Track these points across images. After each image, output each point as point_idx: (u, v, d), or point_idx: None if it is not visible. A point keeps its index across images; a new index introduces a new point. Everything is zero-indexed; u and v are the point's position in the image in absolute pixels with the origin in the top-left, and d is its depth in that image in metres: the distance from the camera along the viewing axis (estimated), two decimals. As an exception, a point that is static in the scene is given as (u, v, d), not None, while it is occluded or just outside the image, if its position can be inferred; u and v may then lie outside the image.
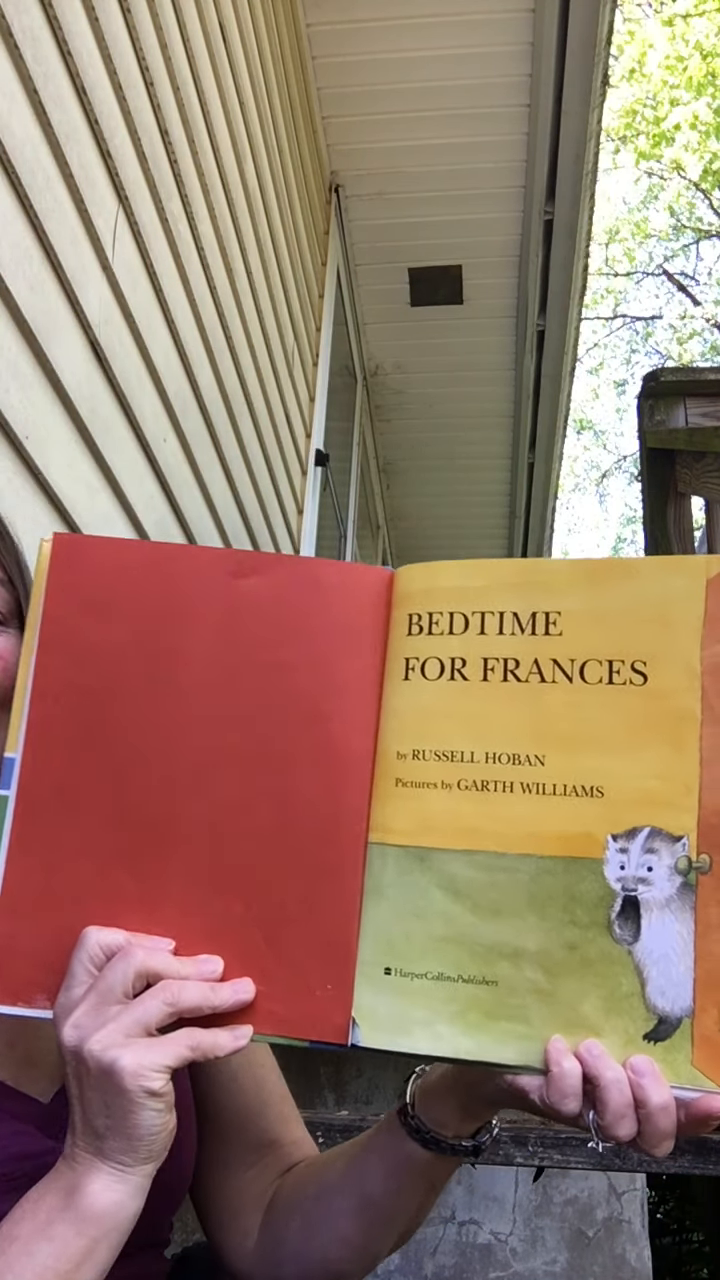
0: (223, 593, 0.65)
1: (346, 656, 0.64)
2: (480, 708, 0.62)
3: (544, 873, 0.59)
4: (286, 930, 0.60)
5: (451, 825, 0.61)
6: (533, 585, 0.63)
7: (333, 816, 0.62)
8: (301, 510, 3.61)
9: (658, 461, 2.22)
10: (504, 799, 0.60)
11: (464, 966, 0.59)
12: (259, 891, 0.61)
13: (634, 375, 14.57)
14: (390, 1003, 0.59)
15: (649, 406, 2.11)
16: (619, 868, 0.58)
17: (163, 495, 2.10)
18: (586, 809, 0.59)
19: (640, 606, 0.61)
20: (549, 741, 0.61)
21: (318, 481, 3.75)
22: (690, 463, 2.16)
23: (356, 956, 0.60)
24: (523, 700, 0.62)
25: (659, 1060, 0.57)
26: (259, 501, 2.95)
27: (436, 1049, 0.59)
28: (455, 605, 0.64)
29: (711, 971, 0.57)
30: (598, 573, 0.62)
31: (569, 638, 0.62)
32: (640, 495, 2.43)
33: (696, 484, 2.15)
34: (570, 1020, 0.58)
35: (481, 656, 0.63)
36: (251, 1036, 0.59)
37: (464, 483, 5.69)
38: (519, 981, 0.58)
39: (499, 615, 0.63)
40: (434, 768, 0.62)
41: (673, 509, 2.25)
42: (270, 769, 0.62)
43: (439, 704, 0.63)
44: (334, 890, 0.61)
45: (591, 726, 0.60)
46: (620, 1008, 0.57)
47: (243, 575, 0.65)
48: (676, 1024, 0.57)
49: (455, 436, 5.31)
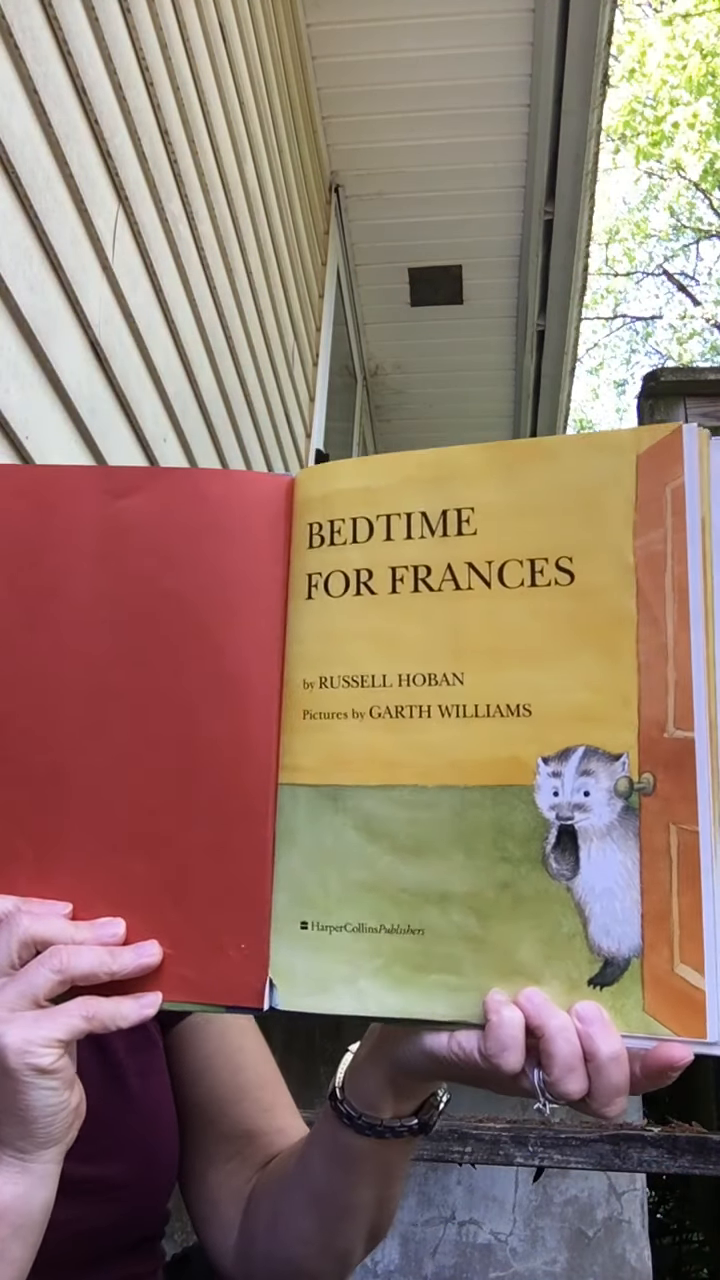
0: (100, 516, 0.58)
1: (243, 578, 0.57)
2: (390, 625, 0.55)
3: (469, 805, 0.53)
4: (194, 886, 0.55)
5: (365, 759, 0.55)
6: (441, 480, 0.56)
7: (238, 758, 0.56)
8: (301, 510, 3.60)
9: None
10: (421, 725, 0.54)
11: (386, 915, 0.53)
12: (162, 846, 0.55)
13: (634, 375, 14.58)
14: (309, 960, 0.54)
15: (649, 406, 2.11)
16: (552, 794, 0.52)
17: (163, 495, 2.10)
18: (513, 730, 0.53)
19: (562, 494, 0.54)
20: (468, 657, 0.54)
21: (318, 481, 3.75)
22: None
23: (271, 911, 0.55)
24: (437, 612, 0.55)
25: (607, 1007, 0.51)
26: (259, 501, 2.95)
27: (361, 1008, 0.53)
28: (358, 510, 0.57)
29: (659, 904, 0.50)
30: (513, 459, 0.55)
31: (484, 537, 0.55)
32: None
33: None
34: (506, 968, 0.52)
35: (389, 566, 0.56)
36: (161, 1005, 0.54)
37: (464, 483, 5.69)
38: (447, 928, 0.53)
39: (405, 517, 0.56)
40: (343, 695, 0.55)
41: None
42: (166, 710, 0.56)
43: (345, 624, 0.56)
44: (244, 840, 0.55)
45: (514, 636, 0.53)
46: (561, 951, 0.51)
47: (121, 495, 0.58)
48: (624, 965, 0.51)
49: (455, 437, 5.31)
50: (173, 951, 0.55)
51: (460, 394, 4.98)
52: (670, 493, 0.53)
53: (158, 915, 0.55)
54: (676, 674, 0.52)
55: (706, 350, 13.83)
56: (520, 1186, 2.38)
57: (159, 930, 0.55)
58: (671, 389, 2.11)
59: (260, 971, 0.54)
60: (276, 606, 0.57)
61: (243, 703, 0.56)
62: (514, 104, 3.47)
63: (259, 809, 0.55)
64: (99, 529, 0.58)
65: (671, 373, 2.35)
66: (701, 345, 13.93)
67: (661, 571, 0.52)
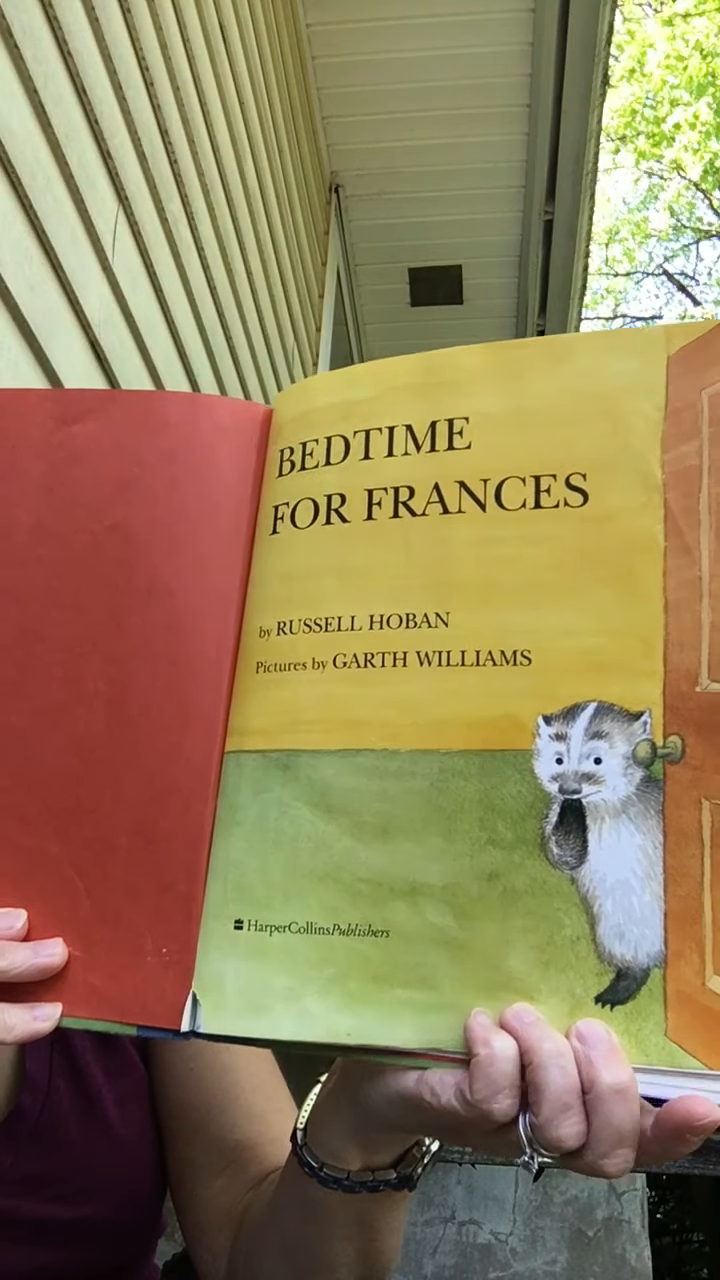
0: (49, 444, 0.51)
1: (203, 514, 0.49)
2: (363, 557, 0.46)
3: (451, 775, 0.43)
4: (112, 873, 0.45)
5: (324, 717, 0.45)
6: (434, 386, 0.47)
7: (180, 720, 0.47)
8: (301, 510, 3.61)
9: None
10: (395, 675, 0.44)
11: (341, 913, 0.43)
12: (80, 821, 0.46)
13: (634, 375, 14.56)
14: (242, 969, 0.43)
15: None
16: (554, 761, 0.42)
17: (163, 495, 2.10)
18: (508, 682, 0.43)
19: (576, 401, 0.45)
20: (455, 593, 0.44)
21: (318, 481, 3.75)
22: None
23: (201, 908, 0.45)
24: (419, 541, 0.45)
25: (619, 1032, 0.40)
26: (259, 501, 2.95)
27: (303, 1032, 0.42)
28: (335, 428, 0.48)
29: (687, 900, 0.40)
30: (518, 360, 0.46)
31: (479, 450, 0.45)
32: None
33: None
34: (492, 981, 0.41)
35: (365, 489, 0.47)
36: (60, 1019, 0.44)
37: (464, 483, 5.70)
38: (419, 929, 0.42)
39: (388, 432, 0.47)
40: (303, 642, 0.46)
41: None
42: (100, 663, 0.48)
43: (310, 559, 0.47)
44: (177, 817, 0.45)
45: (512, 568, 0.44)
46: (562, 959, 0.41)
47: (73, 420, 0.51)
48: (642, 978, 0.40)
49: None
50: (80, 953, 0.45)
51: (460, 394, 4.98)
52: (708, 399, 0.44)
53: (67, 906, 0.46)
54: (713, 614, 0.42)
55: (706, 350, 13.82)
56: (520, 1186, 2.38)
57: (66, 925, 0.45)
58: (671, 389, 2.11)
59: (182, 983, 0.44)
60: (240, 545, 0.49)
61: (190, 655, 0.47)
62: (514, 104, 3.47)
63: (199, 781, 0.46)
64: (46, 457, 0.51)
65: (671, 373, 2.35)
66: (701, 345, 13.92)
67: (696, 491, 0.43)
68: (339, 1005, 0.42)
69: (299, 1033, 0.42)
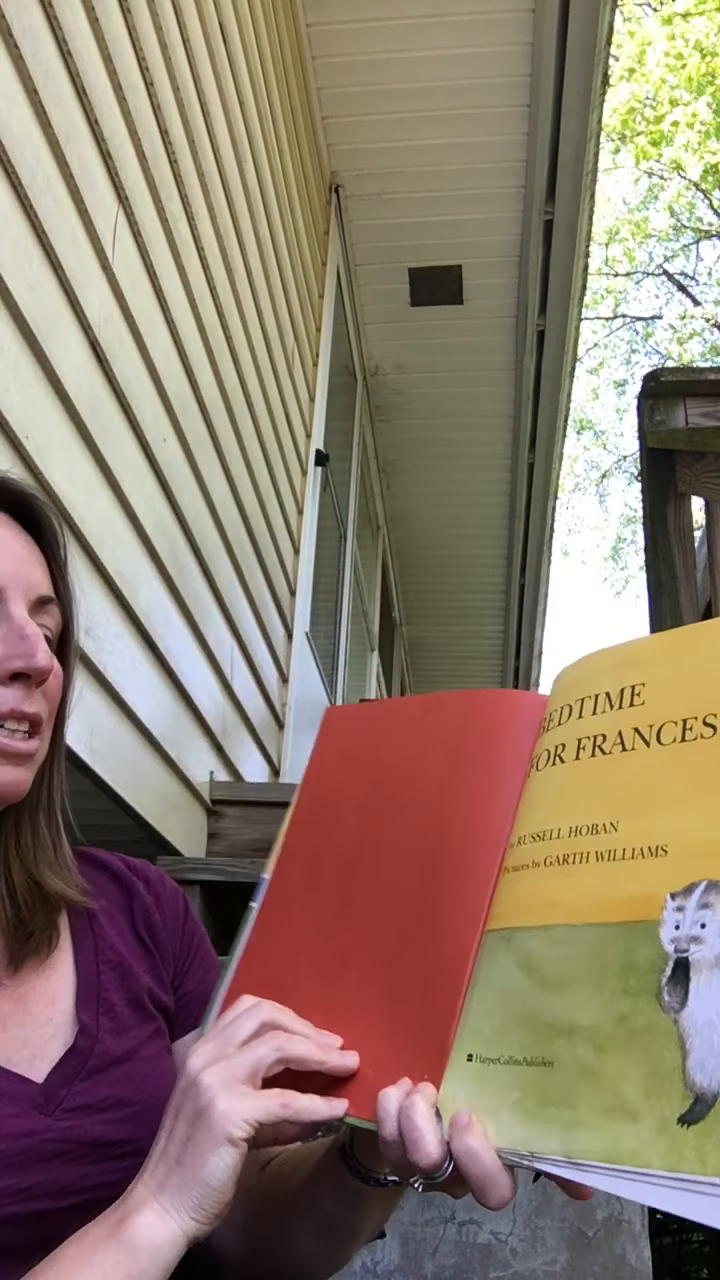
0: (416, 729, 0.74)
1: (488, 764, 0.69)
2: (569, 785, 0.63)
3: (605, 940, 0.56)
4: (402, 1021, 0.63)
5: (536, 902, 0.60)
6: (626, 664, 0.65)
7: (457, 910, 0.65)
8: (301, 510, 3.61)
9: (658, 461, 2.21)
10: (580, 870, 0.59)
11: (528, 1047, 0.56)
12: (393, 985, 0.64)
13: (634, 375, 14.57)
14: (468, 1091, 0.57)
15: (649, 406, 2.11)
16: (674, 927, 0.53)
17: (163, 495, 2.10)
18: (652, 870, 0.56)
19: (716, 664, 0.61)
20: (623, 807, 0.59)
21: (318, 482, 3.75)
22: (690, 463, 2.16)
23: (451, 1046, 0.60)
24: (605, 771, 0.62)
25: (689, 1148, 0.48)
26: (259, 501, 2.95)
27: (498, 1139, 0.55)
28: (564, 699, 0.67)
29: None
30: (681, 640, 0.64)
31: (650, 705, 0.62)
32: (640, 495, 2.43)
33: (696, 484, 2.15)
34: (611, 1104, 0.51)
35: (576, 738, 0.64)
36: (345, 1113, 0.60)
37: (464, 483, 5.69)
38: (571, 1060, 0.54)
39: (594, 698, 0.65)
40: (529, 850, 0.62)
41: (673, 509, 2.25)
42: (419, 878, 0.68)
43: (541, 792, 0.65)
44: (444, 980, 0.62)
45: (663, 786, 0.59)
46: (660, 1087, 0.50)
47: (432, 710, 0.74)
48: (712, 1102, 0.48)
49: (455, 436, 5.31)
50: (371, 1073, 0.61)
51: (460, 394, 4.97)
52: None
53: (369, 1041, 0.63)
54: None
55: (706, 350, 13.83)
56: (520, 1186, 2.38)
57: (366, 1054, 0.63)
58: (671, 389, 2.11)
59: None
60: (515, 787, 0.68)
61: (470, 869, 0.66)
62: (514, 104, 3.47)
63: (463, 958, 0.62)
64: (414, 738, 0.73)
65: (671, 373, 2.35)
66: (701, 345, 13.94)
67: None
68: (519, 1120, 0.55)
69: (496, 1140, 0.56)
